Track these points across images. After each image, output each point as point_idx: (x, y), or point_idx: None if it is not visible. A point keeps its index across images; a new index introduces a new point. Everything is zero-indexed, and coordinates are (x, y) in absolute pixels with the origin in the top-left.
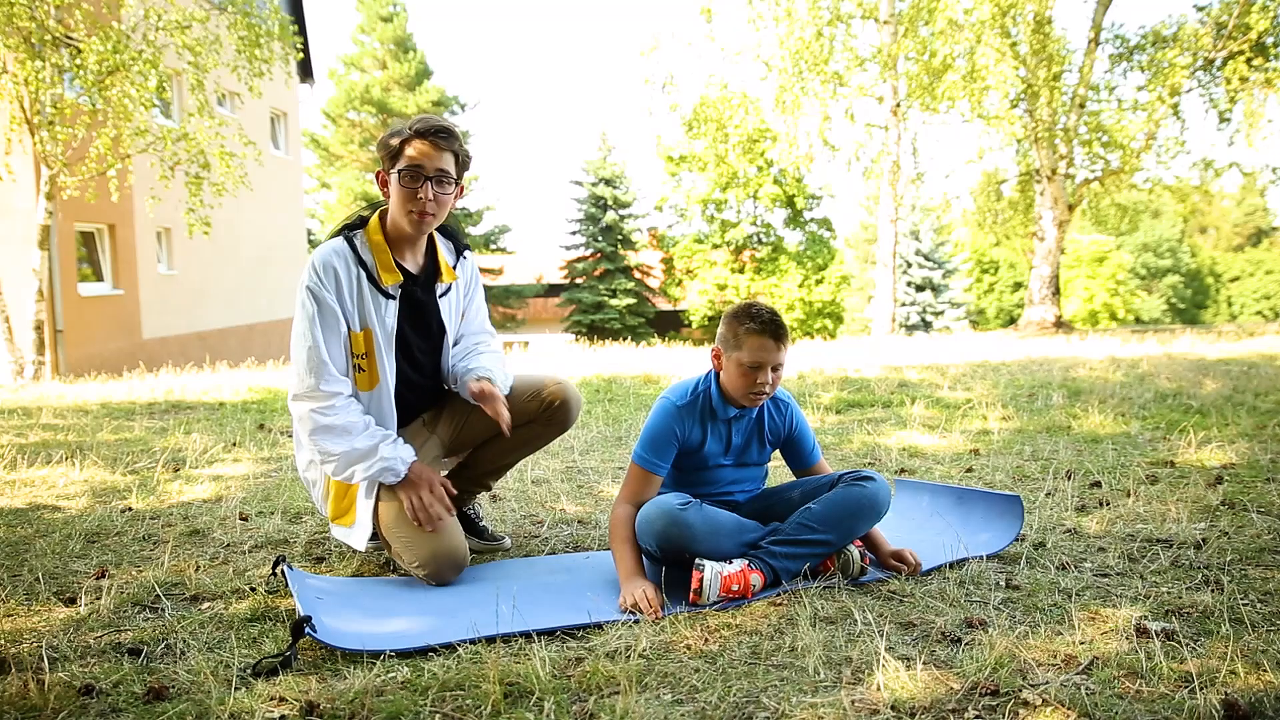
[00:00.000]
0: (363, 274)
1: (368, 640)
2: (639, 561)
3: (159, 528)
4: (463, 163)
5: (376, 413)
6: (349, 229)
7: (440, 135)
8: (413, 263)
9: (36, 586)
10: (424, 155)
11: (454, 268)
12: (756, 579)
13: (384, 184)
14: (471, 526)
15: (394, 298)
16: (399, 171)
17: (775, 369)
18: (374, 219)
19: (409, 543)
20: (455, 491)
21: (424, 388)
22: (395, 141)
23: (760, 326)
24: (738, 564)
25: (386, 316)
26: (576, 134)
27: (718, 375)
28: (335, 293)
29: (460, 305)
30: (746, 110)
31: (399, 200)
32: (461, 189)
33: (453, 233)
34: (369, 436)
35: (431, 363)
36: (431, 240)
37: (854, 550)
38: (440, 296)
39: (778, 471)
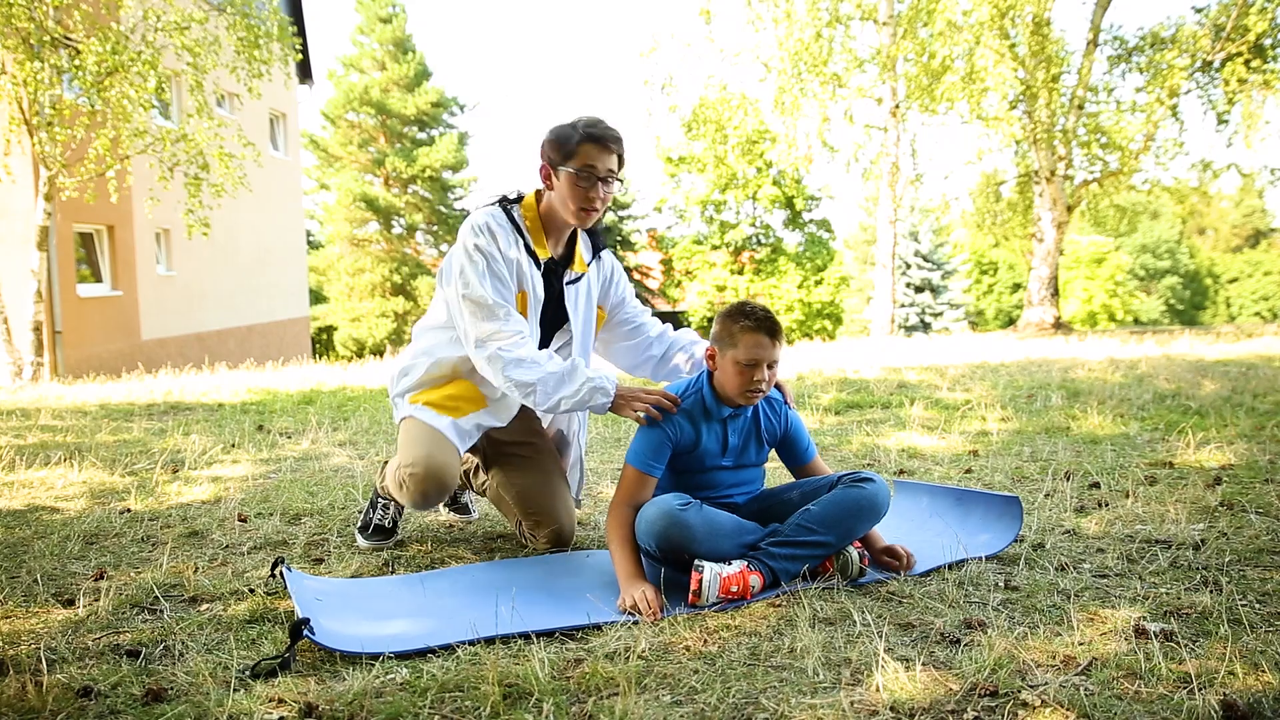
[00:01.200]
0: (520, 241)
1: (366, 642)
2: (638, 562)
3: (157, 529)
4: (623, 160)
5: None
6: (506, 201)
7: (612, 139)
8: (554, 249)
9: (35, 588)
10: (598, 157)
11: (589, 262)
12: (755, 580)
13: (547, 176)
14: (454, 501)
15: (542, 270)
16: (574, 171)
17: (770, 366)
18: (530, 198)
19: (410, 444)
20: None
21: None
22: (571, 143)
23: (755, 324)
24: (737, 565)
25: (538, 286)
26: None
27: (711, 375)
28: (500, 248)
29: (590, 299)
30: (746, 111)
31: (568, 195)
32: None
33: (595, 232)
34: (559, 361)
35: (545, 345)
36: (573, 233)
37: (853, 552)
38: (568, 284)
39: (776, 473)
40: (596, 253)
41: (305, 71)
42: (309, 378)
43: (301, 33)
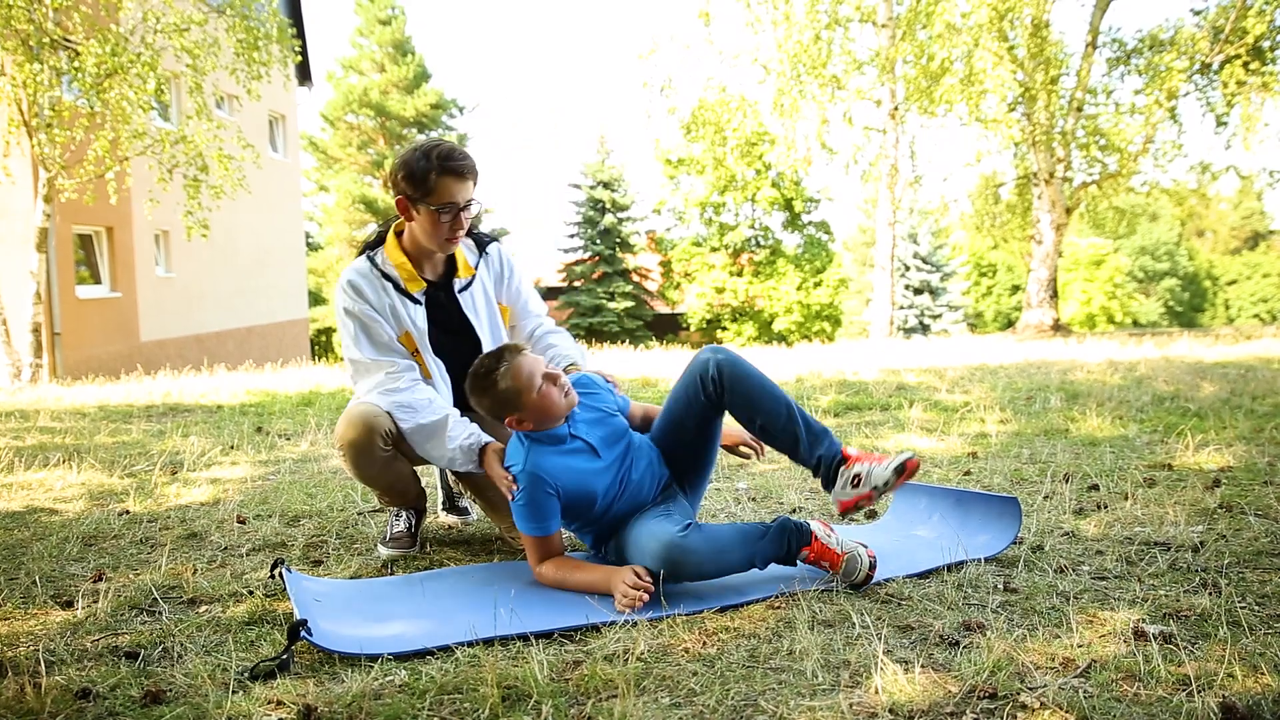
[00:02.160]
0: (389, 285)
1: (365, 644)
2: (600, 565)
3: (156, 531)
4: (478, 179)
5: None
6: (369, 248)
7: (466, 168)
8: (432, 271)
9: (33, 590)
10: (456, 190)
11: (475, 264)
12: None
13: (405, 209)
14: (452, 504)
15: (421, 303)
16: (434, 209)
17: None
18: (390, 238)
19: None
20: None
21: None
22: (428, 179)
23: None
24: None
25: (417, 320)
26: (575, 137)
27: (523, 428)
28: (370, 302)
29: (488, 297)
30: (745, 113)
31: (429, 229)
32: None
33: (475, 232)
34: (436, 412)
35: (468, 355)
36: None
37: (862, 554)
38: (460, 292)
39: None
40: (483, 249)
41: (304, 73)
42: (308, 379)
43: (301, 35)
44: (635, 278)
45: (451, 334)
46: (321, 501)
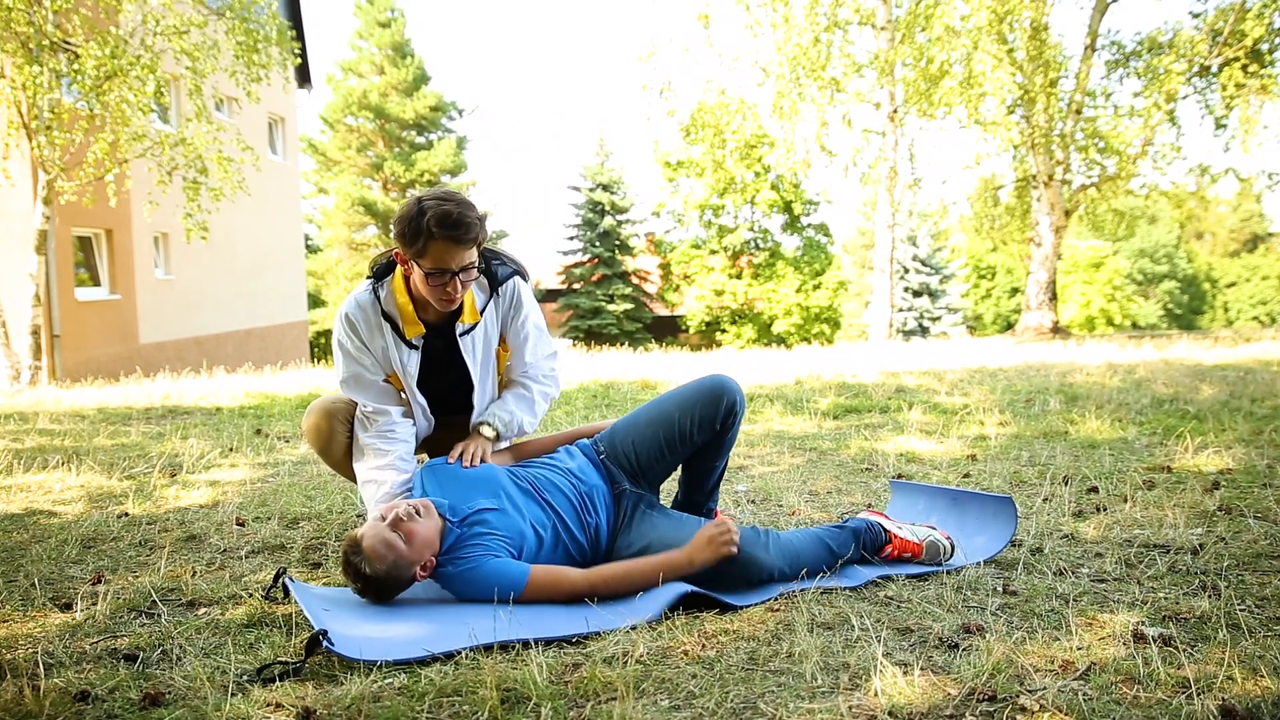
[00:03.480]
0: (387, 326)
1: (366, 648)
2: (667, 555)
3: (155, 533)
4: (481, 241)
5: (417, 428)
6: (377, 277)
7: (462, 235)
8: (435, 313)
9: (32, 592)
10: (450, 256)
11: (483, 307)
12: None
13: (404, 262)
14: None
15: (417, 348)
16: (426, 273)
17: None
18: (398, 273)
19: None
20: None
21: (450, 424)
22: (420, 241)
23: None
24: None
25: (409, 365)
26: (574, 139)
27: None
28: (362, 340)
29: (488, 339)
30: (744, 116)
31: (426, 290)
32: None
33: (488, 264)
34: (375, 464)
35: (459, 400)
36: None
37: (938, 537)
38: (461, 335)
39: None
40: (495, 289)
41: (304, 76)
42: (307, 381)
43: (300, 37)
44: (634, 280)
45: (444, 376)
46: (321, 504)
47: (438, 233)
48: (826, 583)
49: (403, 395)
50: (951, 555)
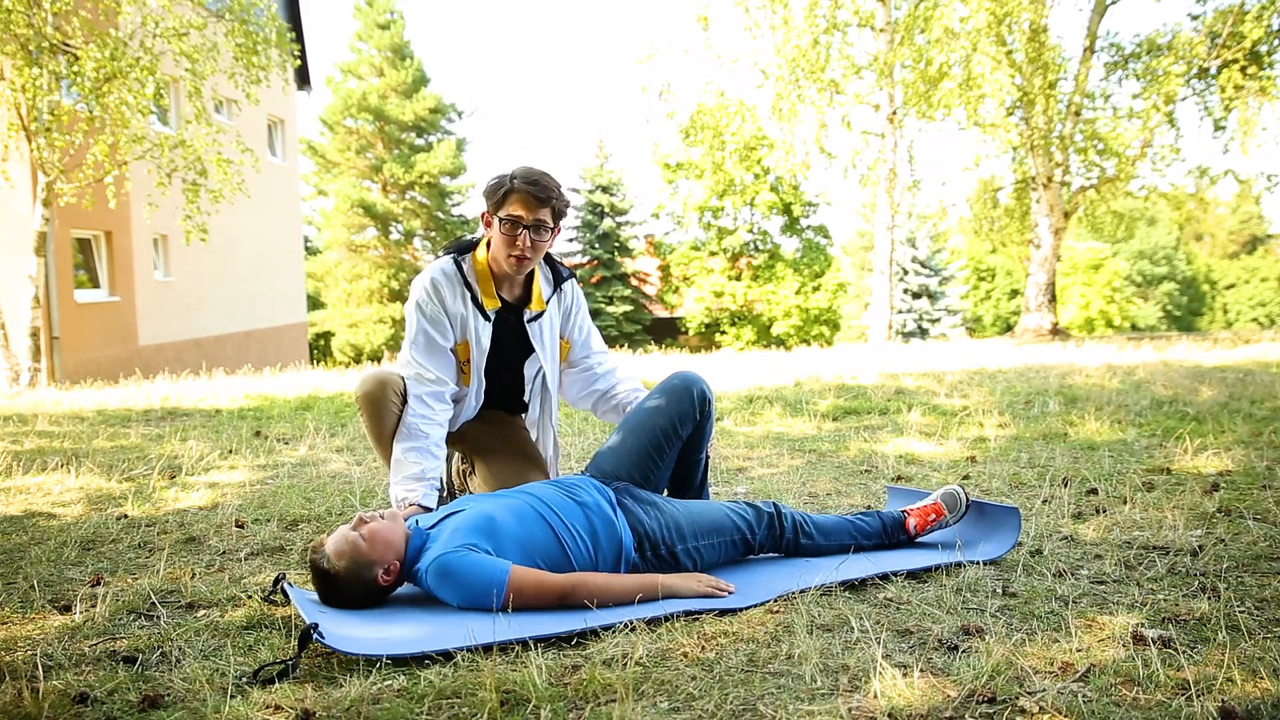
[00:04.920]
0: (468, 294)
1: (364, 647)
2: (656, 575)
3: (154, 535)
4: (559, 212)
5: (465, 407)
6: (459, 251)
7: (539, 191)
8: (509, 293)
9: (31, 594)
10: (526, 208)
11: (548, 299)
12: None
13: (488, 223)
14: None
15: (490, 320)
16: (500, 219)
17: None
18: (481, 247)
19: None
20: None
21: (490, 419)
22: (501, 192)
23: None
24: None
25: (482, 336)
26: (574, 141)
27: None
28: (443, 304)
29: (553, 330)
30: (743, 118)
31: (499, 243)
32: (558, 231)
33: (555, 264)
34: (410, 446)
35: (517, 379)
36: (531, 270)
37: (950, 488)
38: (529, 322)
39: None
40: (558, 285)
41: (303, 78)
42: (306, 383)
43: (300, 39)
44: (634, 282)
45: (512, 355)
46: (320, 506)
47: (518, 184)
48: (837, 577)
49: (464, 373)
50: (967, 506)
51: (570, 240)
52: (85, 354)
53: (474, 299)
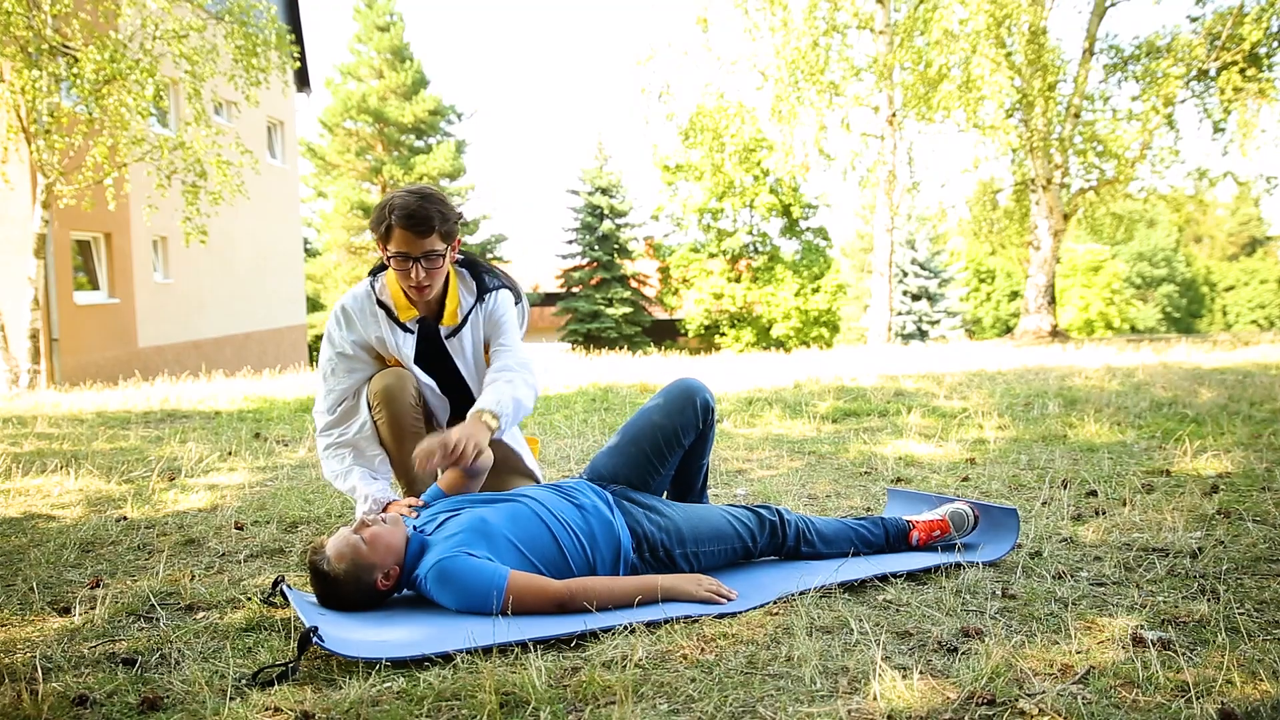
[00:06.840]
0: (381, 313)
1: (364, 649)
2: (649, 577)
3: (154, 537)
4: (448, 233)
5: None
6: (374, 274)
7: (419, 225)
8: (425, 309)
9: (30, 596)
10: (410, 243)
11: (466, 311)
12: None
13: (382, 251)
14: None
15: (412, 331)
16: (389, 255)
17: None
18: (391, 271)
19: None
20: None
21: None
22: (383, 227)
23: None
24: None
25: (404, 347)
26: (573, 142)
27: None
28: (355, 333)
29: (475, 342)
30: (743, 120)
31: (397, 276)
32: (456, 245)
33: (482, 275)
34: (339, 467)
35: (456, 391)
36: (448, 283)
37: (958, 507)
38: (446, 338)
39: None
40: (481, 295)
41: (303, 79)
42: (306, 385)
43: (299, 41)
44: (633, 284)
45: (439, 368)
46: (319, 508)
47: (399, 219)
48: (837, 578)
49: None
50: (975, 524)
51: (569, 242)
52: (85, 356)
53: (390, 315)
